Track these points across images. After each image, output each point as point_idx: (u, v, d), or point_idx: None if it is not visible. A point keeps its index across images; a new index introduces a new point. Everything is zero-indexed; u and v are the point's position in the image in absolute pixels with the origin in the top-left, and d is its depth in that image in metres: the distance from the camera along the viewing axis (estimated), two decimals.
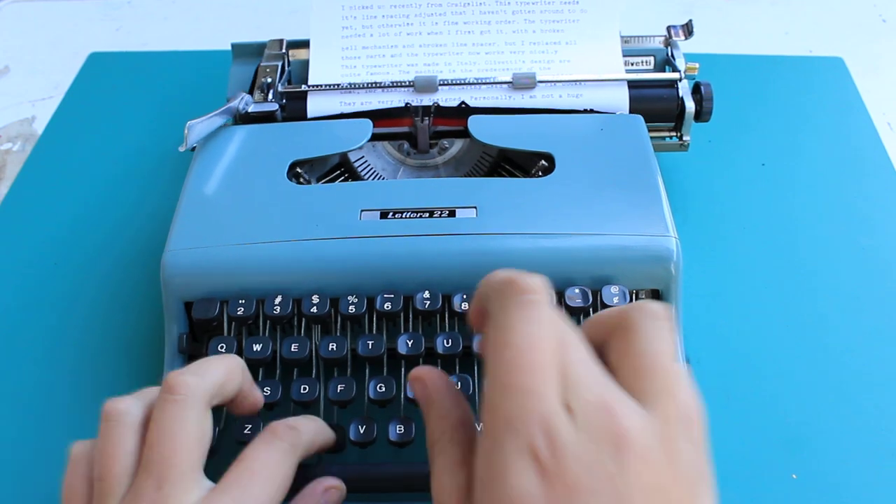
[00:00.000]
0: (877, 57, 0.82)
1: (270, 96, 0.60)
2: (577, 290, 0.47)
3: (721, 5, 0.89)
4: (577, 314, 0.47)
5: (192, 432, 0.35)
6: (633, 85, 0.59)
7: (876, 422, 0.51)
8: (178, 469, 0.34)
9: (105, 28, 0.89)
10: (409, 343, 0.46)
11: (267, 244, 0.48)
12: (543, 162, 0.54)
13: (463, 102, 0.59)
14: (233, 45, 0.65)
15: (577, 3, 0.61)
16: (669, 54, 0.63)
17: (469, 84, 0.59)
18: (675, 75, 0.60)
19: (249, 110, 0.59)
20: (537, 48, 0.61)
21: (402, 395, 0.46)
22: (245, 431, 0.44)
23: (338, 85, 0.60)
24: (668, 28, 0.64)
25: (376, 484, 0.44)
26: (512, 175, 0.56)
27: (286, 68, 0.63)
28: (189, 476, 0.34)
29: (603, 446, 0.27)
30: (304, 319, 0.48)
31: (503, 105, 0.59)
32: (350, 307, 0.47)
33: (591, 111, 0.58)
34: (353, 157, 0.58)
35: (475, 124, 0.56)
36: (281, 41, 0.63)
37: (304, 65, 0.62)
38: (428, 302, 0.47)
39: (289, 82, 0.63)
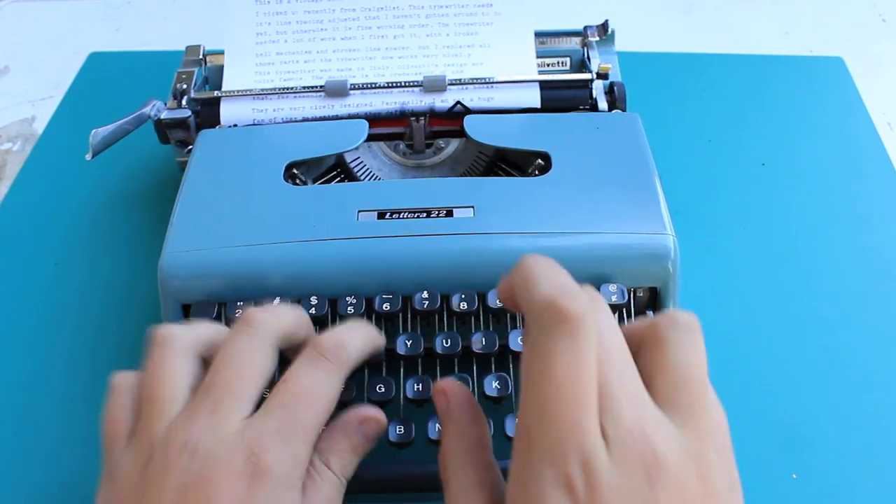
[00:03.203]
0: (877, 57, 0.82)
1: (184, 102, 0.60)
2: None
3: (720, 5, 0.89)
4: None
5: (258, 365, 0.35)
6: (545, 86, 0.59)
7: (876, 422, 0.50)
8: (236, 396, 0.34)
9: (105, 28, 0.89)
10: (408, 343, 0.46)
11: (264, 246, 0.48)
12: (540, 161, 0.54)
13: (459, 102, 0.59)
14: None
15: (490, 6, 0.61)
16: (585, 55, 0.63)
17: (380, 88, 0.59)
18: (587, 76, 0.60)
19: (162, 117, 0.59)
20: (450, 52, 0.61)
21: (402, 396, 0.46)
22: None
23: (249, 91, 0.59)
24: (585, 28, 0.64)
25: (376, 484, 0.44)
26: (508, 174, 0.56)
27: (204, 74, 0.63)
28: (245, 405, 0.34)
29: (638, 474, 0.28)
30: None
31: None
32: (349, 308, 0.47)
33: (588, 110, 0.58)
34: (349, 157, 0.58)
35: (471, 124, 0.56)
36: (199, 47, 0.64)
37: (221, 71, 0.61)
38: (426, 302, 0.47)
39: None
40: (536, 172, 0.54)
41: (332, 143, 0.56)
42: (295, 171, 0.55)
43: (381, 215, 0.49)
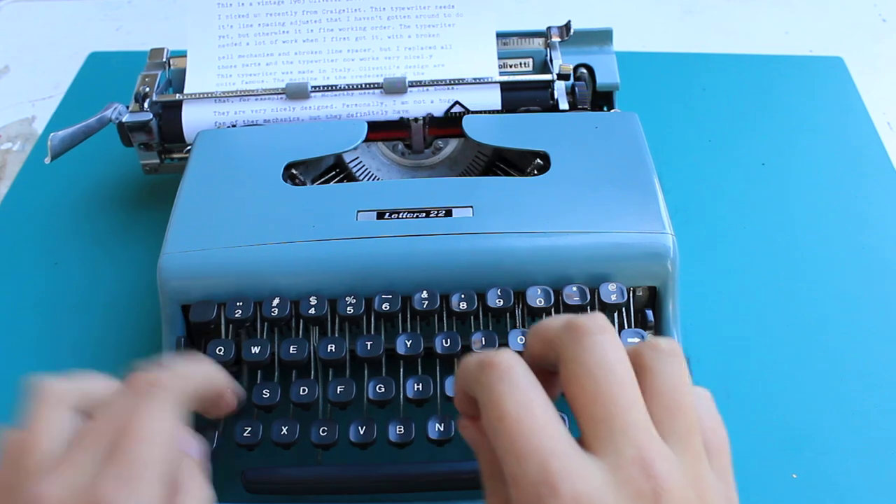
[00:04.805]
0: (877, 57, 0.82)
1: (146, 105, 0.60)
2: (574, 289, 0.47)
3: (721, 5, 0.89)
4: (574, 312, 0.47)
5: (166, 431, 0.32)
6: (506, 87, 0.60)
7: (876, 422, 0.50)
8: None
9: (105, 28, 0.89)
10: (408, 343, 0.46)
11: (264, 246, 0.48)
12: (539, 160, 0.54)
13: (457, 102, 0.59)
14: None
15: (452, 8, 0.61)
16: (548, 56, 0.63)
17: (341, 90, 0.59)
18: (548, 77, 0.61)
19: (123, 120, 0.59)
20: (412, 53, 0.61)
21: (402, 396, 0.46)
22: (245, 434, 0.44)
23: (211, 93, 0.60)
24: (548, 28, 0.64)
25: (376, 484, 0.44)
26: (507, 174, 0.56)
27: (168, 77, 0.63)
28: (156, 480, 0.31)
29: (641, 501, 0.28)
30: (302, 321, 0.48)
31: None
32: (348, 308, 0.47)
33: (586, 109, 0.59)
34: (347, 157, 0.58)
35: (470, 124, 0.56)
36: (162, 50, 0.64)
37: (185, 74, 0.61)
38: (426, 302, 0.47)
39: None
40: (535, 172, 0.54)
41: (331, 143, 0.56)
42: (294, 171, 0.55)
43: (381, 215, 0.49)
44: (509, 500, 0.31)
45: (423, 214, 0.49)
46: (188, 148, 0.57)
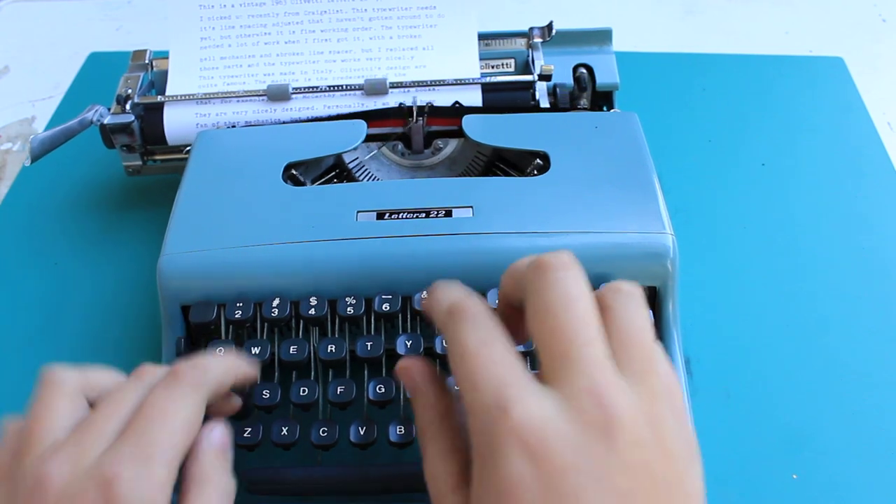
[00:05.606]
0: (877, 57, 0.82)
1: (128, 107, 0.60)
2: None
3: (721, 5, 0.89)
4: None
5: (187, 419, 0.34)
6: (487, 88, 0.60)
7: (876, 422, 0.50)
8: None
9: (105, 28, 0.89)
10: (408, 344, 0.46)
11: (263, 246, 0.48)
12: (538, 160, 0.54)
13: (457, 102, 0.59)
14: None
15: (434, 9, 0.61)
16: (530, 57, 0.63)
17: (322, 91, 0.59)
18: (529, 77, 0.61)
19: (105, 122, 0.59)
20: (394, 54, 0.61)
21: (402, 396, 0.46)
22: (245, 435, 0.44)
23: (193, 95, 0.60)
24: (530, 29, 0.64)
25: (376, 485, 0.44)
26: (507, 174, 0.56)
27: (150, 79, 0.63)
28: (170, 463, 0.32)
29: (594, 432, 0.28)
30: (302, 321, 0.48)
31: None
32: (348, 308, 0.47)
33: (585, 109, 0.59)
34: (347, 158, 0.58)
35: (469, 124, 0.56)
36: (145, 51, 0.64)
37: (167, 76, 0.62)
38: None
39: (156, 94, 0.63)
40: (535, 172, 0.54)
41: (331, 143, 0.56)
42: (293, 171, 0.55)
43: (380, 216, 0.49)
44: (449, 447, 0.33)
45: (423, 215, 0.49)
46: (187, 149, 0.57)
